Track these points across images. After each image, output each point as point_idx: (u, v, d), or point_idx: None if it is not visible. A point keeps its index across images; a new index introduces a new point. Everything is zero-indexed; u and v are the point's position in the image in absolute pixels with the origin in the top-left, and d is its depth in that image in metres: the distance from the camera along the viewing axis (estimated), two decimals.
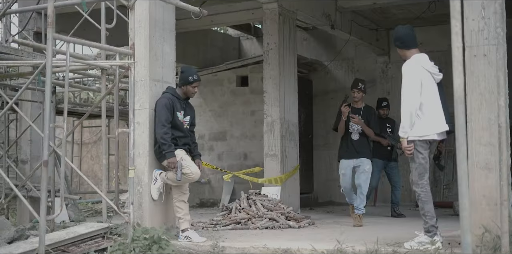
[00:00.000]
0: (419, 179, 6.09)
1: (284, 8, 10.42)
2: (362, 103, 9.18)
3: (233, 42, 15.71)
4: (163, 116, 6.83)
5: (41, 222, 5.22)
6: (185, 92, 7.14)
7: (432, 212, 6.05)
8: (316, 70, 14.71)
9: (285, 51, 10.40)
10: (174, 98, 7.03)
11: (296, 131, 10.64)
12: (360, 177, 8.84)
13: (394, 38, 6.40)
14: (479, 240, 5.50)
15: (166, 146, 6.78)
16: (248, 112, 13.92)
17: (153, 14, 7.15)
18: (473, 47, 5.72)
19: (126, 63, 6.14)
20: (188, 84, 7.08)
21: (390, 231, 7.76)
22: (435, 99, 6.18)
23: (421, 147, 6.11)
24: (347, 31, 12.40)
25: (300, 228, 8.45)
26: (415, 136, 6.13)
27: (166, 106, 6.87)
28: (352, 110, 8.98)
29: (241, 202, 9.17)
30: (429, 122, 6.12)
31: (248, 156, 13.85)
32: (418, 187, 6.09)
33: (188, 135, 7.16)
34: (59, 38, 5.45)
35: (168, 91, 7.10)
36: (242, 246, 6.50)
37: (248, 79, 14.10)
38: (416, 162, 6.12)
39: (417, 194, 6.12)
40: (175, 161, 6.75)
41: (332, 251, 5.99)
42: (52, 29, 5.39)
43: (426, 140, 6.13)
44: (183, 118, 7.08)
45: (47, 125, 5.28)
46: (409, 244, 6.00)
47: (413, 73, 6.12)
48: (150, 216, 6.95)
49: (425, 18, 12.48)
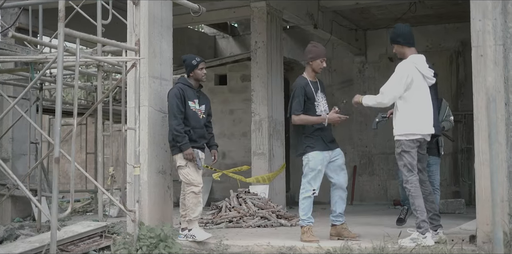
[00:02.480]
0: (408, 176, 6.18)
1: (272, 7, 10.45)
2: None
3: (209, 41, 15.67)
4: (174, 107, 6.67)
5: (52, 221, 5.11)
6: (196, 78, 6.96)
7: (423, 207, 6.12)
8: (293, 70, 14.74)
9: (273, 50, 10.44)
10: (186, 87, 6.86)
11: (282, 129, 10.69)
12: (340, 174, 6.83)
13: (396, 35, 6.39)
14: (486, 237, 5.58)
15: (180, 137, 6.62)
16: (226, 111, 13.90)
17: (152, 11, 7.08)
18: (480, 47, 5.83)
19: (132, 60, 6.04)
20: (195, 68, 6.93)
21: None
22: (426, 101, 6.26)
23: (408, 146, 6.19)
24: (328, 30, 12.49)
25: (292, 226, 8.46)
26: (401, 135, 6.21)
27: (176, 96, 6.71)
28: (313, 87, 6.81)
29: (231, 201, 9.16)
30: (417, 123, 6.20)
31: (226, 155, 13.82)
32: (408, 183, 6.18)
33: (203, 126, 6.96)
34: (70, 33, 5.35)
35: (180, 81, 6.96)
36: (245, 244, 6.49)
37: (227, 78, 14.08)
38: (403, 160, 6.20)
39: (407, 190, 6.20)
40: (191, 152, 6.63)
41: (338, 248, 6.00)
42: (63, 24, 5.29)
43: (413, 139, 6.21)
44: (197, 107, 6.90)
45: (58, 123, 5.18)
46: (402, 241, 6.05)
47: (404, 70, 6.20)
48: (149, 215, 6.87)
49: (405, 19, 12.61)
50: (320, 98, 6.81)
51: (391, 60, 14.01)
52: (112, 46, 6.49)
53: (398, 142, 6.24)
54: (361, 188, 14.20)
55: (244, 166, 10.43)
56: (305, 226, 6.63)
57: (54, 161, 5.14)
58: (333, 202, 6.84)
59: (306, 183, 6.66)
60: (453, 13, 12.65)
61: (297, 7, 11.14)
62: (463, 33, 13.20)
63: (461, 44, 13.39)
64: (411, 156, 6.17)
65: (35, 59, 6.67)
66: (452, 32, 13.46)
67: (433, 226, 6.28)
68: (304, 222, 6.66)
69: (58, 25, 5.32)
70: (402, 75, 6.17)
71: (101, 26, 7.30)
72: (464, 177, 13.13)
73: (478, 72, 5.82)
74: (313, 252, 6.13)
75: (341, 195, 6.81)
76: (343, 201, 6.83)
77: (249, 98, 12.64)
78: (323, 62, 6.81)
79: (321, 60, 6.79)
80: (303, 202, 6.66)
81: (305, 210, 6.65)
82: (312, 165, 6.65)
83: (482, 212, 5.71)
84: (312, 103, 6.74)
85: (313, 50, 6.81)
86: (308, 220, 6.64)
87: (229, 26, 15.37)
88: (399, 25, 6.54)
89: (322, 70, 6.88)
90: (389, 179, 14.08)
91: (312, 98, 6.74)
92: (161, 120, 7.13)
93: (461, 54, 13.38)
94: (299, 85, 6.78)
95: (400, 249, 5.84)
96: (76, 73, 5.47)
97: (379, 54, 14.18)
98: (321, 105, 6.81)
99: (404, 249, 5.81)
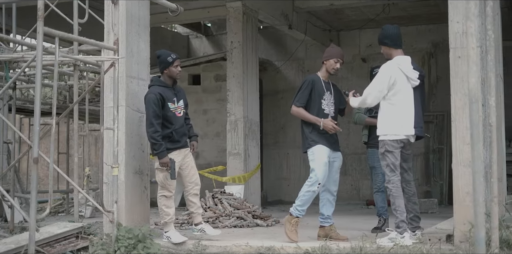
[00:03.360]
0: (391, 176, 6.22)
1: (248, 7, 10.46)
2: None
3: (182, 41, 15.62)
4: (151, 113, 6.55)
5: (31, 221, 5.06)
6: (170, 76, 6.81)
7: (403, 207, 6.18)
8: (266, 70, 14.77)
9: (248, 50, 10.45)
10: (163, 88, 6.72)
11: (257, 129, 10.72)
12: (334, 177, 6.80)
13: (383, 36, 6.41)
14: (464, 236, 5.65)
15: (157, 145, 6.54)
16: (200, 111, 13.86)
17: (130, 10, 7.03)
18: (457, 49, 5.91)
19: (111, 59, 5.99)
20: (170, 65, 6.78)
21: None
22: (409, 102, 6.29)
23: (391, 146, 6.23)
24: (303, 31, 12.55)
25: (268, 226, 8.48)
26: (385, 135, 6.26)
27: (154, 102, 6.56)
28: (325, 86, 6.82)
29: (207, 201, 9.13)
30: (400, 124, 6.25)
31: (200, 155, 13.77)
32: (390, 183, 6.22)
33: (183, 124, 6.85)
34: (49, 32, 5.28)
35: (155, 84, 6.81)
36: (223, 244, 6.47)
37: (201, 78, 14.04)
38: (386, 160, 6.25)
39: (388, 189, 6.24)
40: (166, 161, 6.56)
41: (317, 248, 6.02)
42: (42, 23, 5.22)
43: (397, 140, 6.26)
44: (176, 105, 6.78)
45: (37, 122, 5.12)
46: (380, 241, 6.09)
47: (387, 71, 6.25)
48: (127, 215, 6.82)
49: (378, 21, 12.74)
50: (328, 98, 6.79)
51: (364, 61, 14.15)
52: (90, 45, 6.42)
53: (381, 142, 6.29)
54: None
55: (219, 166, 10.42)
56: (295, 216, 6.55)
57: (33, 161, 5.09)
58: (321, 204, 6.81)
59: (314, 176, 6.54)
60: (426, 15, 12.80)
61: (272, 7, 11.17)
62: (435, 34, 13.42)
63: (432, 45, 13.56)
64: (394, 156, 6.22)
65: (11, 58, 6.56)
66: (424, 34, 13.62)
67: (412, 227, 6.33)
68: (295, 211, 6.56)
69: (37, 24, 5.25)
70: (385, 76, 6.22)
71: (77, 25, 7.20)
72: (436, 177, 13.27)
73: (456, 74, 5.89)
74: (291, 252, 6.13)
75: (329, 198, 6.79)
76: (331, 204, 6.80)
77: (223, 98, 12.66)
78: (337, 63, 6.77)
79: (335, 60, 6.76)
80: (306, 194, 6.54)
81: (303, 201, 6.56)
82: (318, 157, 6.58)
83: (459, 212, 5.78)
84: (319, 99, 6.73)
85: (329, 50, 6.87)
86: (301, 212, 6.58)
87: (202, 26, 15.34)
88: (387, 26, 6.53)
89: (335, 71, 6.84)
90: (361, 179, 14.19)
91: (322, 93, 6.74)
92: (138, 121, 7.08)
93: (433, 55, 13.55)
94: (309, 79, 6.81)
95: (378, 249, 5.87)
96: (55, 72, 5.42)
97: (352, 55, 14.26)
98: (327, 106, 6.78)
99: (383, 249, 5.83)
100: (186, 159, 6.87)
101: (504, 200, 6.91)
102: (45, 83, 10.04)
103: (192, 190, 6.92)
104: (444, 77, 12.14)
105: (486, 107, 5.64)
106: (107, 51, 6.76)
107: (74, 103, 6.51)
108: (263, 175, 14.49)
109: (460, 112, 5.83)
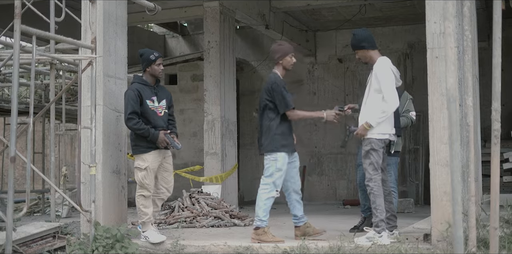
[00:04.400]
0: (373, 174, 6.25)
1: (225, 6, 10.46)
2: None
3: (159, 40, 15.57)
4: (128, 110, 6.53)
5: (8, 221, 5.01)
6: (152, 74, 6.79)
7: (383, 206, 6.21)
8: (243, 70, 14.78)
9: (225, 49, 10.45)
10: (142, 86, 6.70)
11: (235, 129, 10.71)
12: (296, 177, 6.80)
13: (358, 41, 6.40)
14: (441, 235, 5.70)
15: (145, 131, 6.50)
16: (177, 111, 13.67)
17: (108, 9, 7.00)
18: (435, 49, 5.95)
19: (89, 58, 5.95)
20: (152, 63, 6.77)
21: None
22: None
23: (377, 145, 6.28)
24: (280, 31, 12.57)
25: (246, 226, 8.47)
26: (373, 133, 6.29)
27: (132, 98, 6.55)
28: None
29: (184, 201, 9.10)
30: (387, 124, 6.31)
31: (177, 155, 13.69)
32: (371, 181, 6.24)
33: (163, 123, 6.78)
34: (26, 30, 5.22)
35: (135, 81, 6.78)
36: (201, 244, 6.47)
37: (177, 78, 14.00)
38: (370, 159, 6.27)
39: (369, 188, 6.25)
40: (163, 138, 6.56)
41: (295, 248, 6.03)
42: (19, 21, 5.17)
43: (383, 139, 6.31)
44: (157, 104, 6.75)
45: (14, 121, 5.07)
46: (358, 240, 6.11)
47: (391, 76, 6.31)
48: (104, 215, 6.78)
49: (354, 21, 12.80)
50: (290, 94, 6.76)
51: (340, 61, 14.24)
52: (67, 44, 6.37)
53: (367, 140, 6.28)
54: (310, 188, 14.31)
55: (196, 166, 10.41)
56: (264, 227, 6.46)
57: (10, 160, 5.04)
58: (291, 207, 6.76)
59: (272, 183, 6.50)
60: (402, 16, 12.89)
61: (249, 7, 11.17)
62: (411, 35, 13.52)
63: (408, 46, 13.66)
64: (378, 155, 6.25)
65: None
66: (400, 34, 13.70)
67: (389, 226, 6.36)
68: (263, 223, 6.48)
69: (14, 21, 5.20)
70: (390, 76, 6.27)
71: (54, 24, 7.14)
72: (412, 177, 13.36)
73: (433, 74, 5.93)
74: (270, 252, 6.14)
75: (296, 198, 6.74)
76: (299, 203, 6.75)
77: (199, 98, 12.64)
78: (292, 58, 6.72)
79: (290, 56, 6.70)
80: (266, 202, 6.51)
81: (266, 210, 6.50)
82: (280, 165, 6.49)
83: (437, 211, 5.82)
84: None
85: (280, 49, 6.72)
86: (267, 221, 6.53)
87: (179, 26, 15.29)
88: (357, 31, 6.54)
89: (293, 66, 6.80)
90: (338, 179, 14.27)
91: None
92: (115, 120, 7.05)
93: (408, 56, 13.64)
94: (279, 80, 6.68)
95: (356, 248, 5.89)
96: (32, 71, 5.37)
97: (329, 55, 14.35)
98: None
99: (361, 248, 5.86)
100: (165, 161, 6.85)
101: (480, 200, 6.99)
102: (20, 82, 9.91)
103: (162, 194, 6.92)
104: (419, 77, 12.27)
105: (463, 107, 5.69)
106: (84, 50, 6.71)
107: (51, 102, 6.45)
108: (240, 175, 14.50)
109: (437, 112, 5.88)
